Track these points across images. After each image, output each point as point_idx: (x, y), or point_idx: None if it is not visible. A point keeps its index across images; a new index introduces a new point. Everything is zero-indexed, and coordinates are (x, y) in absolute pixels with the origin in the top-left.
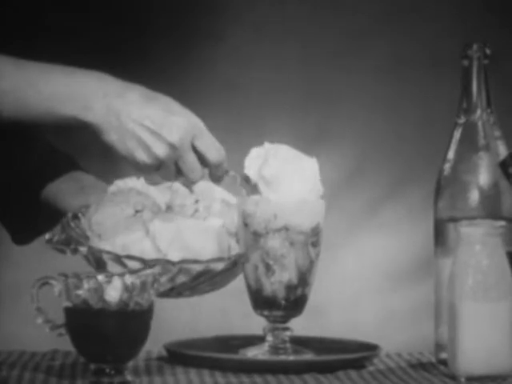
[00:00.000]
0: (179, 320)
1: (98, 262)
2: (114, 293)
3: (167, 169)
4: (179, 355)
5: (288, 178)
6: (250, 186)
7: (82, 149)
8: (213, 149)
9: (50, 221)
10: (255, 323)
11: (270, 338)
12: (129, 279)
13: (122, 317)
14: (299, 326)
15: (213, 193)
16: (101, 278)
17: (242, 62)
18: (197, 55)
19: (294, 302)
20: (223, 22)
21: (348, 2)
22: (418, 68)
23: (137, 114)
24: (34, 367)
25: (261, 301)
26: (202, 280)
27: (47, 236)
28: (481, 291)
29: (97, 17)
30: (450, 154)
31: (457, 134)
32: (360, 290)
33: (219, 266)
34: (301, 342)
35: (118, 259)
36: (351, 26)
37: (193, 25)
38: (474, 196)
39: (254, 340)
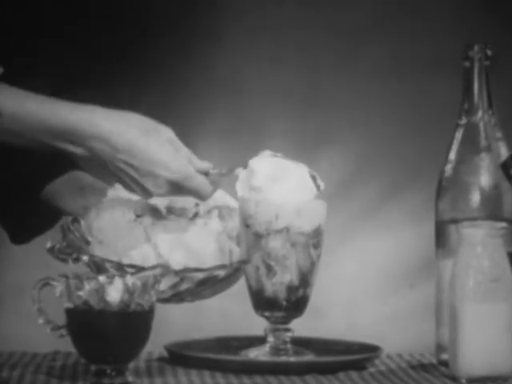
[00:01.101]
0: (180, 321)
1: (99, 270)
2: (115, 294)
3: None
4: (180, 356)
5: (278, 185)
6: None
7: None
8: (198, 192)
9: (48, 221)
10: (256, 324)
11: (271, 338)
12: (130, 280)
13: (122, 318)
14: (300, 326)
15: (215, 197)
16: (102, 278)
17: (241, 63)
18: (195, 57)
19: (295, 302)
20: (222, 23)
21: (348, 3)
22: (418, 69)
23: (122, 164)
24: (35, 368)
25: (262, 302)
26: (204, 287)
27: (48, 245)
28: (482, 292)
29: (96, 18)
30: (452, 155)
31: (458, 135)
32: (361, 291)
33: (221, 273)
34: (302, 343)
35: (121, 267)
36: (351, 27)
37: (191, 26)
38: (476, 197)
39: (254, 341)
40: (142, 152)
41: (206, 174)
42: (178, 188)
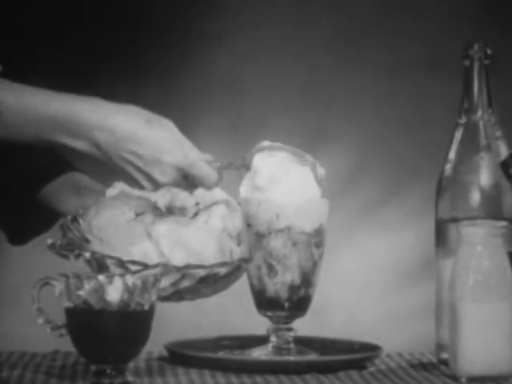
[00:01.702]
0: (180, 320)
1: (100, 267)
2: (114, 293)
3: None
4: (180, 355)
5: (279, 184)
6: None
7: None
8: (203, 179)
9: (46, 222)
10: (257, 323)
11: (273, 338)
12: (130, 279)
13: (122, 317)
14: (300, 326)
15: (214, 195)
16: (102, 278)
17: (240, 61)
18: (195, 55)
19: (297, 302)
20: (221, 21)
21: (347, 3)
22: (418, 68)
23: (126, 153)
24: (34, 368)
25: (264, 301)
26: (205, 284)
27: (49, 242)
28: (482, 292)
29: (95, 18)
30: (451, 155)
31: (458, 135)
32: (361, 290)
33: (223, 271)
34: (304, 343)
35: (122, 264)
36: (351, 27)
37: (191, 24)
38: (475, 196)
39: (255, 340)
40: (147, 140)
41: None
42: (183, 175)
